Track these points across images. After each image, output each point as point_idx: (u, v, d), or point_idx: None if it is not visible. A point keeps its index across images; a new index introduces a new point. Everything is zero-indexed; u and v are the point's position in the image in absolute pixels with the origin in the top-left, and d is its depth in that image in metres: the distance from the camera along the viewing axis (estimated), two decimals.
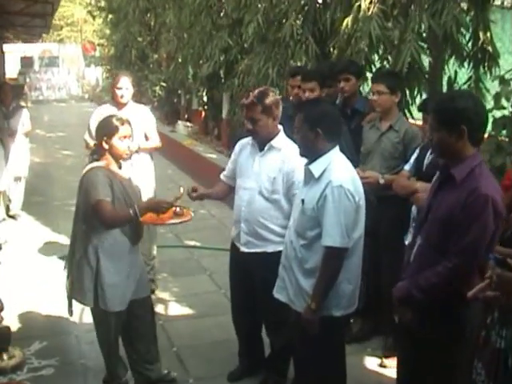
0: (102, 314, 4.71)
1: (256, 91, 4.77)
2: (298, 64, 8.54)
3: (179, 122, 16.07)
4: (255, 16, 9.57)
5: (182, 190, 4.77)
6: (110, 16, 22.76)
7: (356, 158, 5.70)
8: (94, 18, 26.63)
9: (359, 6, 6.50)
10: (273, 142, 4.74)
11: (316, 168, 3.98)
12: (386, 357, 5.53)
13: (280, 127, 4.82)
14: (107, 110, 6.69)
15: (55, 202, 11.25)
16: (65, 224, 9.66)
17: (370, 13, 6.40)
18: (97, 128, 4.81)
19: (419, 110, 5.26)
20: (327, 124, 3.98)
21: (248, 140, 4.97)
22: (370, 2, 6.45)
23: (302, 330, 4.06)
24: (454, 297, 3.45)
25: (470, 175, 3.41)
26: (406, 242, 5.10)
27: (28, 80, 32.62)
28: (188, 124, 15.78)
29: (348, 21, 6.64)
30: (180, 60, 15.26)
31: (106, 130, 4.66)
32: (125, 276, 4.68)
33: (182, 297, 6.88)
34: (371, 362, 5.56)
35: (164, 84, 17.47)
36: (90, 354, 5.69)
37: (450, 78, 6.85)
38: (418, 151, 5.11)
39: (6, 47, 29.63)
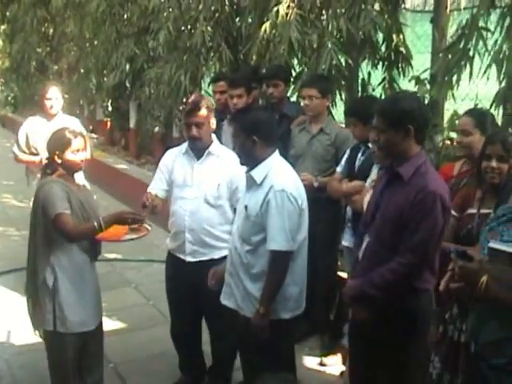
0: (58, 338, 4.44)
1: (194, 97, 4.82)
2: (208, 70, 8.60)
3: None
4: (165, 23, 9.50)
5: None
6: (3, 27, 22.14)
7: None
8: None
9: (277, 11, 6.54)
10: (210, 149, 4.73)
11: (257, 174, 4.00)
12: (325, 355, 5.62)
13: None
14: (36, 121, 6.56)
15: None
16: None
17: (288, 18, 6.45)
18: (48, 142, 4.57)
19: (347, 114, 5.33)
20: (262, 130, 4.01)
21: (179, 149, 4.93)
22: (288, 7, 6.50)
23: (251, 335, 4.06)
24: (405, 292, 3.54)
25: (417, 173, 3.51)
26: (344, 243, 5.20)
27: None
28: (93, 135, 15.47)
29: (266, 26, 6.67)
30: (82, 70, 14.95)
31: (58, 144, 4.45)
32: (85, 295, 4.51)
33: (110, 311, 6.67)
34: (311, 361, 5.63)
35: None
36: (23, 379, 5.51)
37: (363, 79, 7.00)
38: (348, 152, 5.20)
39: None
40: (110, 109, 14.56)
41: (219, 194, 4.69)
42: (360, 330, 3.80)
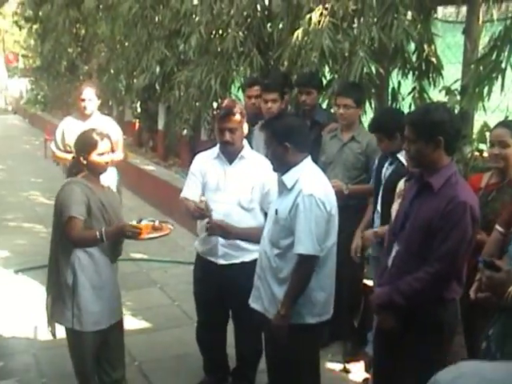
0: (76, 336, 4.57)
1: (227, 102, 4.90)
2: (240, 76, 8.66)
3: None
4: (197, 27, 9.58)
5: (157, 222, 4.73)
6: (35, 26, 22.38)
7: None
8: (20, 28, 26.06)
9: (310, 18, 6.59)
10: (243, 153, 4.79)
11: (288, 179, 4.04)
12: (348, 361, 5.65)
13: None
14: (72, 121, 6.70)
15: None
16: (2, 240, 9.51)
17: (320, 25, 6.50)
18: (75, 143, 4.70)
19: (371, 131, 5.32)
20: (295, 137, 4.03)
21: (210, 153, 4.98)
22: (321, 15, 6.55)
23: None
24: (432, 302, 3.57)
25: (447, 184, 3.54)
26: (370, 251, 5.25)
27: None
28: None
29: (298, 33, 6.73)
30: (112, 71, 15.09)
31: (85, 146, 4.55)
32: (103, 294, 4.58)
33: (136, 310, 6.82)
34: (333, 368, 5.65)
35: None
36: (51, 373, 5.61)
37: (393, 89, 7.02)
38: (376, 162, 5.24)
39: None
40: (138, 110, 14.69)
41: (252, 198, 4.76)
42: (386, 338, 3.83)
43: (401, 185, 4.71)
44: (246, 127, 4.83)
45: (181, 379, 5.50)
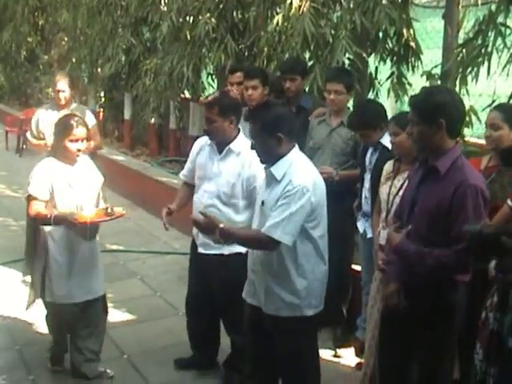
0: (51, 306, 4.94)
1: (217, 93, 4.95)
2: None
3: None
4: (168, 14, 9.46)
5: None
6: None
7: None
8: None
9: (290, 3, 6.54)
10: (231, 146, 4.74)
11: (277, 170, 3.92)
12: (339, 347, 5.65)
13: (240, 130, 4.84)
14: (45, 112, 6.85)
15: None
16: None
17: (301, 10, 6.45)
18: (54, 125, 4.96)
19: (353, 129, 5.30)
20: (286, 126, 3.93)
21: (206, 140, 4.92)
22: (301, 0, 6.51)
23: (279, 332, 4.08)
24: (445, 282, 3.57)
25: (453, 167, 3.53)
26: (361, 230, 5.25)
27: None
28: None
29: (278, 18, 6.68)
30: (74, 60, 14.84)
31: (61, 130, 4.82)
32: (75, 269, 4.84)
33: (119, 302, 6.69)
34: (324, 354, 5.61)
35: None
36: (39, 368, 5.46)
37: (370, 74, 7.03)
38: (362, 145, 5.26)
39: None
40: (103, 99, 14.49)
41: (232, 193, 4.71)
42: (391, 324, 3.82)
43: (387, 167, 4.71)
44: (234, 120, 4.75)
45: (173, 370, 5.41)
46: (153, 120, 11.70)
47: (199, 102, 9.85)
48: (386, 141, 4.88)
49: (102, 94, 14.45)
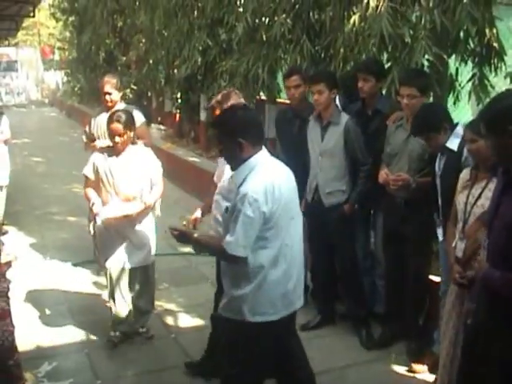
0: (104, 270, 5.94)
1: (220, 94, 4.96)
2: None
3: (152, 125, 15.71)
4: (243, 15, 9.35)
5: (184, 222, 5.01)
6: (72, 18, 22.34)
7: (368, 160, 5.59)
8: (57, 20, 26.12)
9: (367, 3, 6.33)
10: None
11: (238, 176, 3.88)
12: (414, 362, 5.41)
13: None
14: (99, 114, 7.19)
15: (36, 211, 10.86)
16: (50, 234, 9.41)
17: (378, 10, 6.23)
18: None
19: (416, 134, 5.09)
20: (248, 131, 3.86)
21: None
22: None
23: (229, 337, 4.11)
24: None
25: None
26: (440, 238, 5.00)
27: None
28: (161, 127, 15.49)
29: (355, 19, 6.47)
30: (151, 62, 14.95)
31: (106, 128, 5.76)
32: (115, 237, 5.69)
33: (188, 307, 6.63)
34: (398, 369, 5.41)
35: (134, 87, 17.14)
36: (105, 373, 5.47)
37: (451, 75, 6.75)
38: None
39: None
40: (179, 101, 14.54)
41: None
42: (476, 341, 3.57)
43: (464, 175, 4.45)
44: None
45: None
46: None
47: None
48: (452, 144, 4.72)
49: (179, 96, 14.50)
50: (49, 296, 7.09)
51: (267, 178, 3.81)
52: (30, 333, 6.08)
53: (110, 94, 6.96)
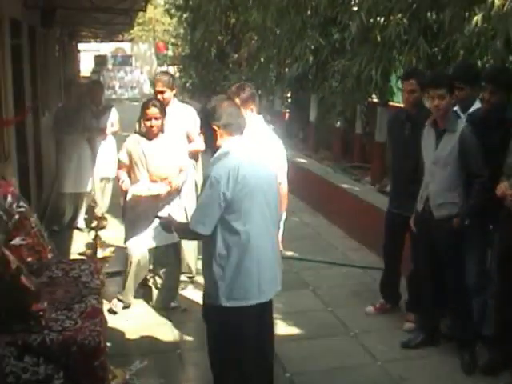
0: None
1: (234, 86, 5.38)
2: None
3: None
4: (357, 14, 9.05)
5: None
6: (186, 15, 22.54)
7: (483, 172, 5.17)
8: (171, 17, 26.48)
9: (492, 1, 5.91)
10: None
11: (212, 161, 4.11)
12: None
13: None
14: None
15: None
16: None
17: (504, 9, 5.81)
18: None
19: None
20: (223, 118, 4.08)
21: None
22: None
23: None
24: None
25: None
26: None
27: (101, 78, 32.55)
28: (270, 126, 15.30)
29: (477, 19, 6.07)
30: (262, 60, 14.82)
31: (140, 111, 6.20)
32: (142, 216, 6.02)
33: (287, 314, 6.37)
34: None
35: None
36: (197, 377, 5.34)
37: None
38: None
39: (80, 46, 29.88)
40: (289, 100, 14.35)
41: None
42: None
43: None
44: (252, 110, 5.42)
45: None
46: (338, 123, 11.36)
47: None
48: None
49: (288, 95, 14.31)
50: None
51: (233, 163, 3.99)
52: (124, 328, 6.05)
53: (162, 92, 6.78)
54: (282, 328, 6.10)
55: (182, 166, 6.34)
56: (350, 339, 5.81)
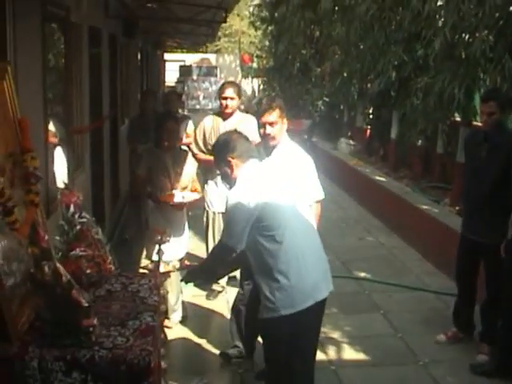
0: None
1: (267, 99, 5.52)
2: None
3: (341, 139, 15.36)
4: (442, 30, 8.78)
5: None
6: (271, 27, 22.56)
7: None
8: (256, 29, 26.57)
9: None
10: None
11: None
12: None
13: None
14: (214, 120, 7.01)
15: None
16: None
17: None
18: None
19: None
20: (236, 149, 4.14)
21: None
22: None
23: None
24: None
25: None
26: None
27: (186, 88, 32.88)
28: (351, 142, 15.09)
29: None
30: (345, 75, 14.65)
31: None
32: (161, 221, 6.05)
33: (354, 338, 6.18)
34: None
35: (327, 99, 16.94)
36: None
37: None
38: None
39: (166, 56, 30.29)
40: (370, 116, 14.12)
41: None
42: None
43: None
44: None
45: None
46: (419, 142, 11.07)
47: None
48: None
49: (370, 111, 14.09)
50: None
51: (254, 182, 4.06)
52: (184, 346, 5.97)
53: (232, 98, 6.75)
54: (347, 352, 5.92)
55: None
56: (418, 368, 5.56)
